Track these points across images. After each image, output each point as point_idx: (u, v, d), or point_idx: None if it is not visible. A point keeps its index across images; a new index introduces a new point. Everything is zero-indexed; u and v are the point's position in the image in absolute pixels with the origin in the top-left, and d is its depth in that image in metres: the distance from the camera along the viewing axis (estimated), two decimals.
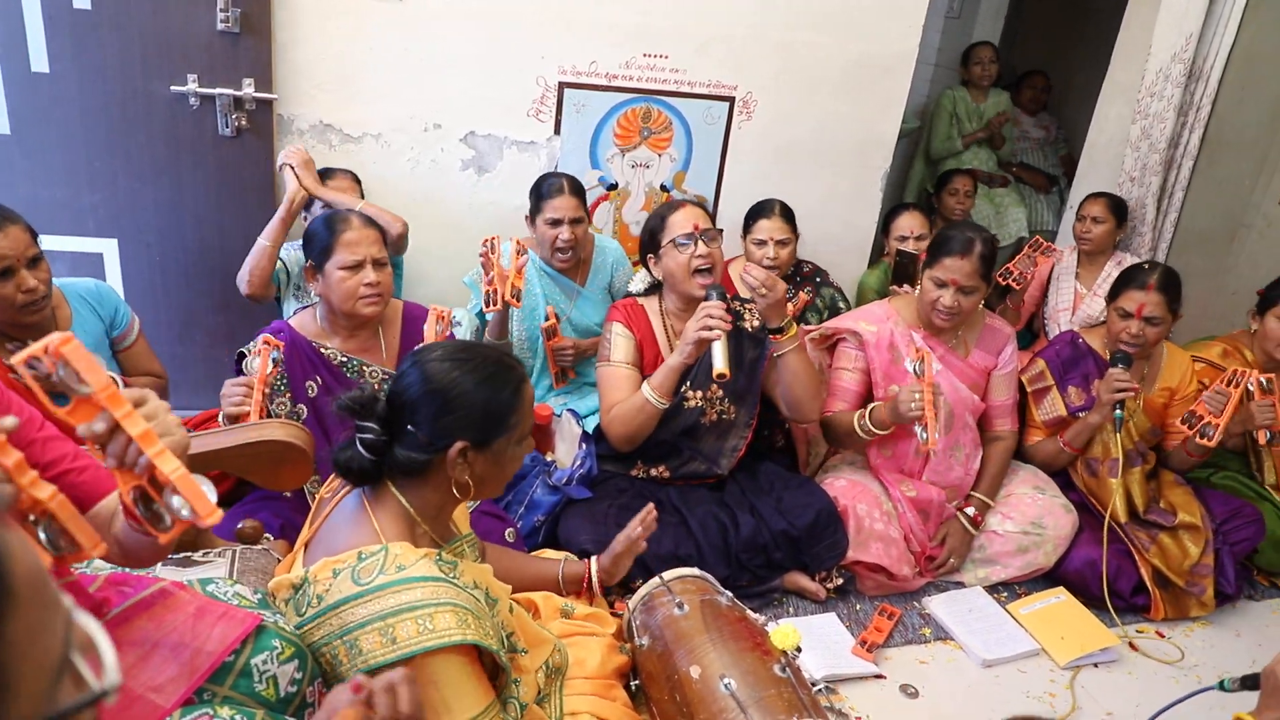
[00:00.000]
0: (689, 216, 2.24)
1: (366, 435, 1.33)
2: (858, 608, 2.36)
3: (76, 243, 2.66)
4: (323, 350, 2.05)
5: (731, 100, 3.09)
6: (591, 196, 2.99)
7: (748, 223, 2.97)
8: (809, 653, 2.08)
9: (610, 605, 2.06)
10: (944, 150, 4.38)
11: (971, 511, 2.49)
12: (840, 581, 2.35)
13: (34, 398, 0.97)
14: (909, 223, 3.26)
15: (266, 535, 1.81)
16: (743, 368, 2.34)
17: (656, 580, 1.89)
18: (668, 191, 3.18)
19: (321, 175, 2.56)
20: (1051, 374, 2.64)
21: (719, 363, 2.06)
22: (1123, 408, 2.40)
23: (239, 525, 1.77)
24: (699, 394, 2.32)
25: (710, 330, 2.08)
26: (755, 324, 2.35)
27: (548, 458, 2.37)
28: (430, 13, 2.73)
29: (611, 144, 3.07)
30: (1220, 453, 2.72)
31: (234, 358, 2.03)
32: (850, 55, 3.09)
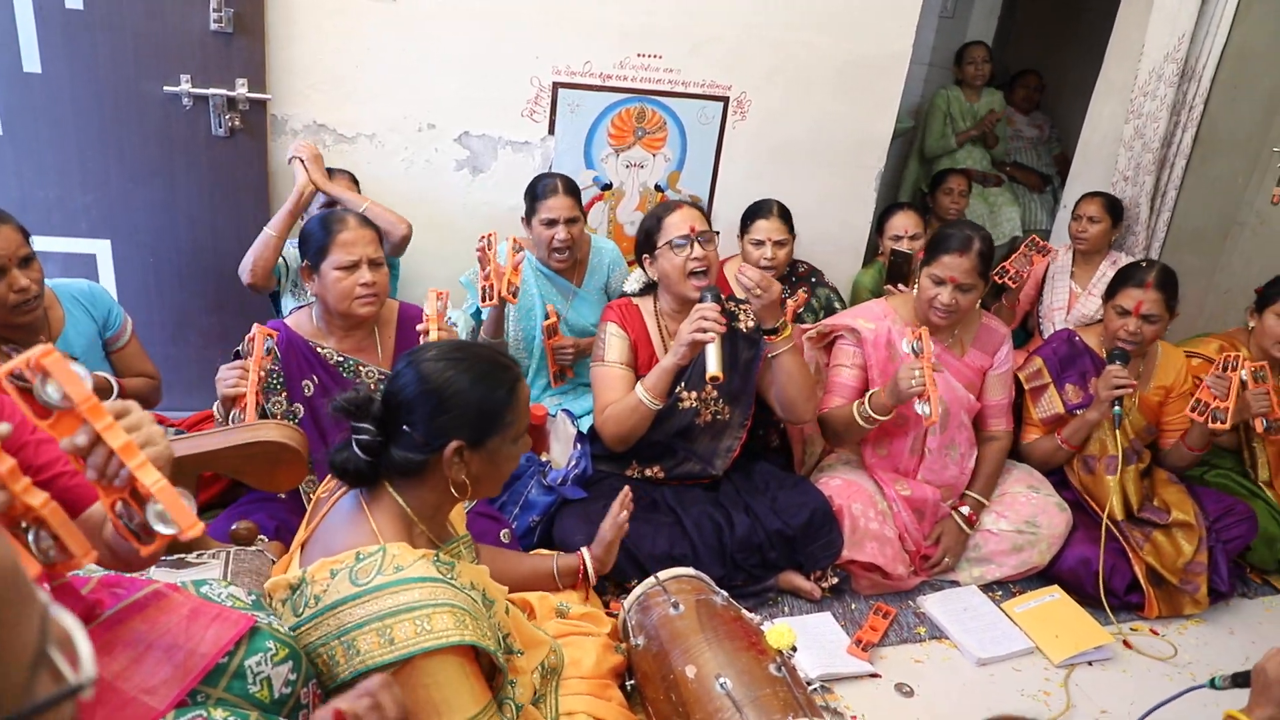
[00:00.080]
0: (685, 218, 2.24)
1: (362, 436, 1.33)
2: (853, 607, 2.36)
3: (69, 243, 2.65)
4: (319, 350, 2.04)
5: (726, 100, 3.09)
6: (586, 197, 2.99)
7: (745, 222, 2.97)
8: (804, 652, 2.08)
9: (605, 605, 2.06)
10: (938, 149, 4.39)
11: (966, 510, 2.49)
12: (835, 581, 2.36)
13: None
14: (903, 222, 3.27)
15: (261, 537, 1.81)
16: (737, 368, 2.34)
17: (652, 580, 1.89)
18: (662, 191, 3.18)
19: None
20: (1049, 372, 2.65)
21: (712, 366, 2.06)
22: (1121, 404, 2.41)
23: (233, 527, 1.76)
24: (693, 395, 2.32)
25: (704, 333, 2.08)
26: (750, 325, 2.35)
27: (542, 458, 2.37)
28: (424, 13, 2.72)
29: (606, 144, 3.07)
30: (1213, 450, 2.73)
31: (229, 357, 2.02)
32: (844, 55, 3.10)
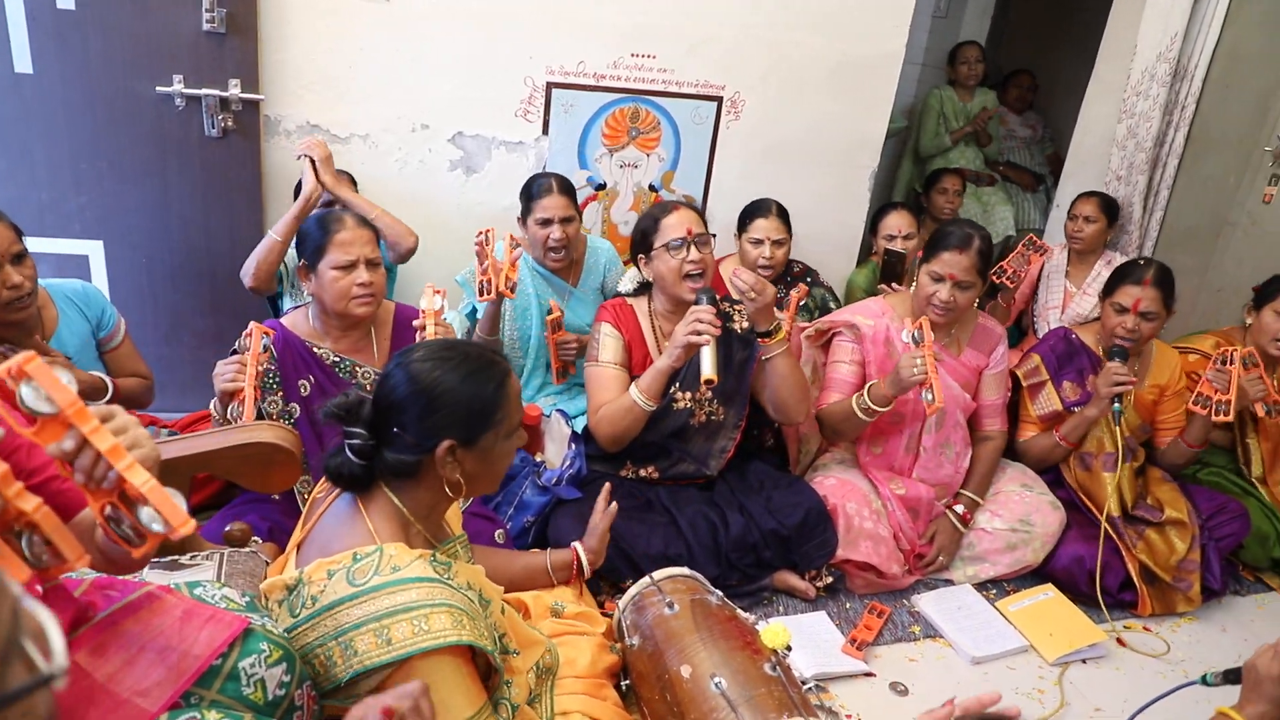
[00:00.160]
0: (682, 220, 2.23)
1: (354, 441, 1.33)
2: (847, 606, 2.37)
3: (62, 245, 2.64)
4: (316, 350, 2.04)
5: (719, 100, 3.09)
6: (580, 197, 2.99)
7: (743, 221, 2.96)
8: (799, 651, 2.08)
9: (600, 605, 2.06)
10: (933, 148, 4.40)
11: (960, 509, 2.50)
12: (830, 580, 2.36)
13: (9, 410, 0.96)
14: (897, 222, 3.28)
15: (255, 538, 1.80)
16: (731, 369, 2.34)
17: (647, 580, 1.89)
18: (656, 191, 3.18)
19: None
20: (1046, 369, 2.65)
21: (707, 368, 2.05)
22: (1121, 401, 2.42)
23: (227, 528, 1.76)
24: (687, 395, 2.32)
25: (699, 335, 2.08)
26: (744, 325, 2.35)
27: (537, 458, 2.37)
28: (417, 13, 2.72)
29: (600, 144, 3.07)
30: (1207, 448, 2.74)
31: (225, 357, 2.01)
32: (837, 55, 3.10)
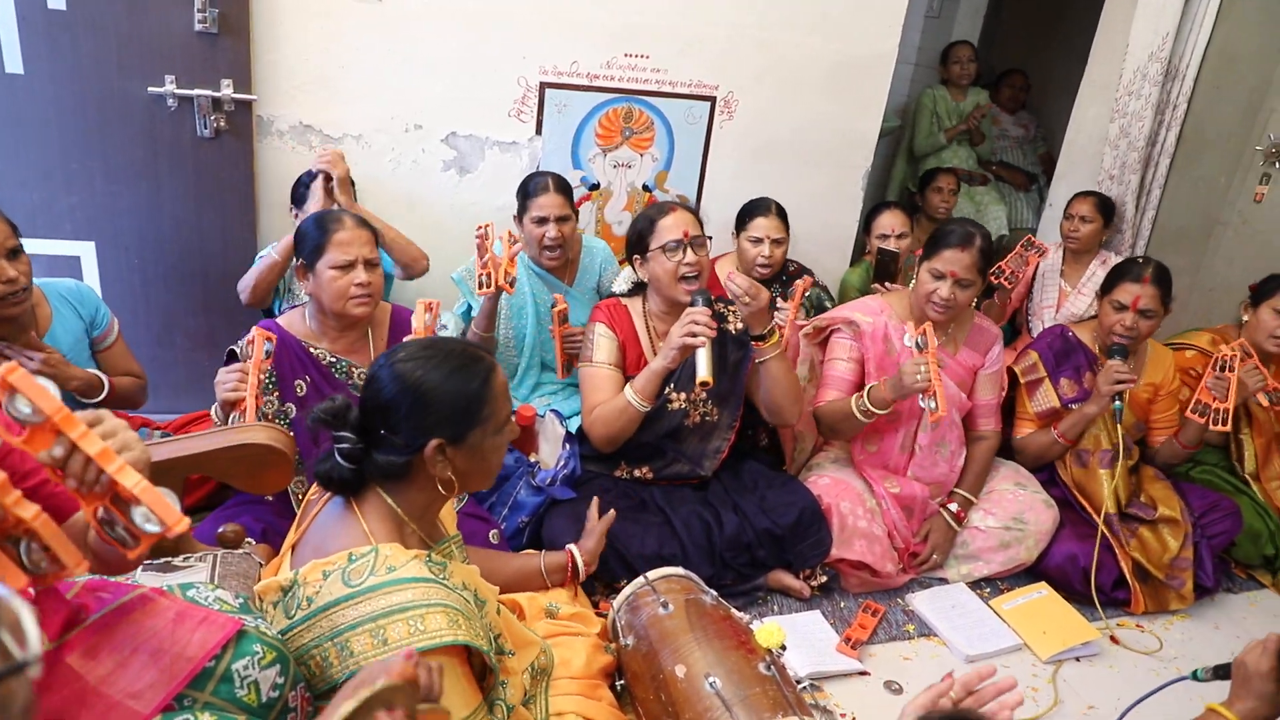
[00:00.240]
0: (679, 222, 2.22)
1: (343, 445, 1.33)
2: (842, 605, 2.37)
3: (53, 246, 2.62)
4: (312, 350, 2.03)
5: (713, 100, 3.09)
6: (574, 196, 2.99)
7: (742, 219, 2.96)
8: (794, 650, 2.08)
9: (595, 605, 2.06)
10: (928, 146, 4.41)
11: (954, 508, 2.50)
12: (824, 579, 2.36)
13: None
14: (890, 221, 3.28)
15: (248, 540, 1.80)
16: (726, 370, 2.34)
17: (641, 580, 1.89)
18: (650, 191, 3.18)
19: None
20: (1044, 366, 2.66)
21: (703, 370, 2.05)
22: (1122, 399, 2.43)
23: (220, 530, 1.75)
24: (682, 396, 2.32)
25: (695, 337, 2.08)
26: (739, 326, 2.35)
27: (531, 459, 2.37)
28: (410, 13, 2.72)
29: (593, 144, 3.07)
30: (1200, 448, 2.75)
31: (224, 357, 2.01)
32: (831, 55, 3.11)
